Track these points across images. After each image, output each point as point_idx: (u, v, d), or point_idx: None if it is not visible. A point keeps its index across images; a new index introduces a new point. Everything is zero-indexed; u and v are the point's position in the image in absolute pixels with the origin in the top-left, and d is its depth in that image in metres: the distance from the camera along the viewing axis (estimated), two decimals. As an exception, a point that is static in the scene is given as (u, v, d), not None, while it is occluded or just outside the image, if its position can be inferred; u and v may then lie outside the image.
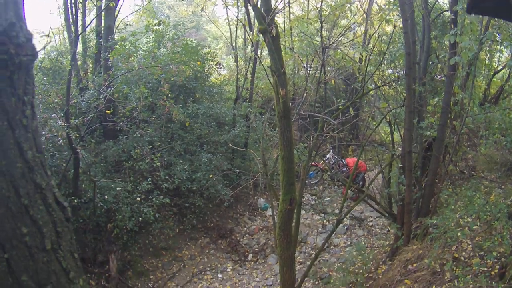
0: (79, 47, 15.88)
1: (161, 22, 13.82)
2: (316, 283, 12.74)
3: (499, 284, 7.12)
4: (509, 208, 8.40)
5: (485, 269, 7.66)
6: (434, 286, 8.06)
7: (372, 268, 11.35)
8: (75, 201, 11.30)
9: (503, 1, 2.54)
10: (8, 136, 1.85)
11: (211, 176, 14.27)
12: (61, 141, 10.65)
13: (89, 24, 12.98)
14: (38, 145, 2.03)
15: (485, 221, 8.87)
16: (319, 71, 15.01)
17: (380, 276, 10.34)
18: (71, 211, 7.80)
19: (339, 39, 10.07)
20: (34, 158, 1.94)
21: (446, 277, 8.07)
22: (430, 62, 12.93)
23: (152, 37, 16.99)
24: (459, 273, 7.82)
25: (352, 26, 15.74)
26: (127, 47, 14.59)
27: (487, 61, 15.30)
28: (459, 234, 8.50)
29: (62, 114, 11.20)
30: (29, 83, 1.91)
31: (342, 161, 17.97)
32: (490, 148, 13.71)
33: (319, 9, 11.13)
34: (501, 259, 7.62)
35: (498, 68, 16.60)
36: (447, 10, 13.46)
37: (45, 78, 13.72)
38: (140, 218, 12.43)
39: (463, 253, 8.49)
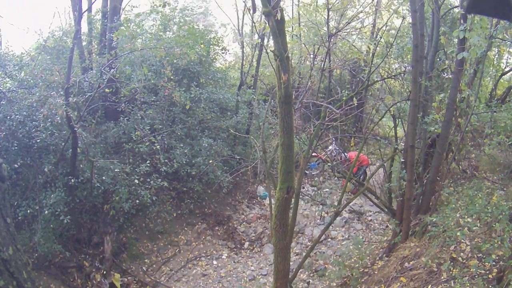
0: (85, 28, 15.73)
1: (165, 3, 13.64)
2: (311, 275, 12.68)
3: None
4: (510, 210, 8.28)
5: (483, 271, 7.54)
6: (430, 286, 7.94)
7: (368, 263, 11.25)
8: (72, 180, 11.26)
9: (503, 1, 2.56)
10: None
11: (210, 161, 14.16)
12: (58, 118, 10.55)
13: (93, 2, 12.77)
14: None
15: (485, 222, 8.76)
16: (322, 59, 14.91)
17: (376, 272, 10.24)
18: (67, 191, 7.79)
19: (346, 27, 9.92)
20: None
21: (442, 277, 7.95)
22: (438, 59, 12.81)
23: (159, 20, 16.85)
24: (456, 274, 7.70)
25: (360, 16, 15.56)
26: (131, 28, 14.46)
27: (495, 62, 15.19)
28: (458, 234, 8.38)
29: (62, 92, 11.11)
30: None
31: (344, 154, 17.86)
32: (494, 149, 13.61)
33: (326, -5, 10.99)
34: (499, 262, 7.51)
35: (506, 70, 16.53)
36: (457, 7, 13.32)
37: (48, 57, 13.57)
38: (137, 201, 12.38)
39: (461, 253, 8.36)
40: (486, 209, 8.70)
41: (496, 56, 14.85)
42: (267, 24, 6.61)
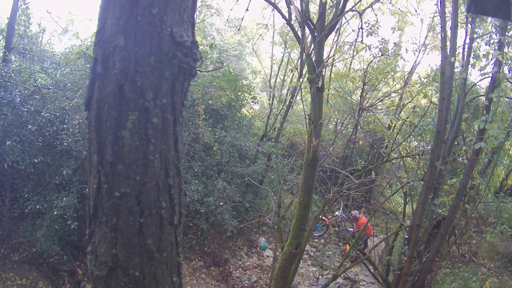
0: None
1: (212, 45, 14.16)
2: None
3: None
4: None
5: None
6: None
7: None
8: (87, 190, 11.46)
9: (503, 1, 2.73)
10: (171, 128, 2.27)
11: (221, 203, 14.42)
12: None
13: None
14: (183, 141, 2.51)
15: (476, 305, 8.99)
16: (347, 128, 15.31)
17: None
18: (80, 198, 8.19)
19: (377, 103, 10.36)
20: (181, 150, 2.35)
21: None
22: (456, 143, 13.14)
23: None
24: None
25: (391, 94, 16.03)
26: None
27: (511, 152, 15.47)
28: (449, 313, 8.62)
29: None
30: (187, 90, 2.35)
31: (355, 212, 18.08)
32: (495, 238, 13.83)
33: (364, 70, 11.46)
34: None
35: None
36: (482, 95, 13.71)
37: (87, 65, 13.97)
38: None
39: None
40: (478, 293, 8.95)
41: (513, 146, 15.12)
42: (297, 82, 7.04)
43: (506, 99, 11.56)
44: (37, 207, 11.16)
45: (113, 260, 2.35)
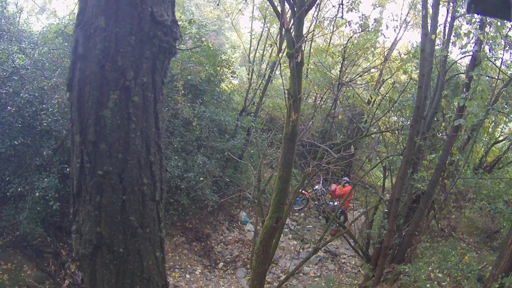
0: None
1: (191, 20, 14.00)
2: (281, 305, 12.92)
3: None
4: (480, 271, 8.67)
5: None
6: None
7: (337, 303, 11.56)
8: (68, 169, 11.40)
9: (503, 1, 2.74)
10: (152, 106, 2.31)
11: (201, 179, 14.45)
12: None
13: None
14: (163, 118, 2.51)
15: (455, 279, 9.14)
16: (327, 103, 15.33)
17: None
18: (61, 178, 8.13)
19: (356, 78, 10.37)
20: (162, 128, 2.37)
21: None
22: (435, 119, 13.23)
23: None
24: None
25: (370, 70, 16.05)
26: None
27: (490, 129, 15.61)
28: (428, 286, 8.76)
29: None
30: (168, 69, 2.37)
31: (325, 189, 18.26)
32: (474, 213, 14.02)
33: (344, 45, 11.44)
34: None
35: (500, 139, 16.94)
36: (463, 73, 13.78)
37: (65, 44, 13.77)
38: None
39: (429, 304, 8.72)
40: (457, 267, 9.11)
41: (492, 124, 15.24)
42: (277, 57, 7.02)
43: (486, 77, 11.66)
44: (19, 189, 11.06)
45: (97, 238, 2.40)
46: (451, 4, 12.02)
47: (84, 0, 2.16)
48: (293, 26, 7.25)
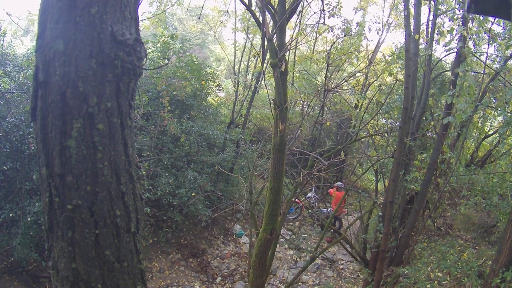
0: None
1: (173, 36, 13.97)
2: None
3: None
4: (480, 267, 8.61)
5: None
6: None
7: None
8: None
9: (503, 1, 2.70)
10: (119, 133, 2.19)
11: (193, 194, 14.34)
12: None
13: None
14: (133, 145, 2.38)
15: (455, 277, 9.08)
16: (315, 110, 15.29)
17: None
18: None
19: (342, 83, 10.31)
20: (132, 154, 2.25)
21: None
22: (424, 118, 13.22)
23: (158, 47, 17.05)
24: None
25: (356, 74, 16.06)
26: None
27: (479, 125, 15.63)
28: (428, 286, 8.69)
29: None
30: (135, 90, 2.26)
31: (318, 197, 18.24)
32: (469, 209, 13.98)
33: (328, 51, 11.40)
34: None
35: (489, 133, 16.99)
36: (448, 70, 13.80)
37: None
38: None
39: (431, 305, 8.65)
40: (456, 265, 9.03)
41: (481, 119, 15.26)
42: (260, 67, 6.94)
43: (472, 73, 11.65)
44: (11, 215, 10.94)
45: (74, 275, 2.29)
46: (432, 2, 12.04)
47: (43, 22, 2.06)
48: (275, 35, 7.18)
